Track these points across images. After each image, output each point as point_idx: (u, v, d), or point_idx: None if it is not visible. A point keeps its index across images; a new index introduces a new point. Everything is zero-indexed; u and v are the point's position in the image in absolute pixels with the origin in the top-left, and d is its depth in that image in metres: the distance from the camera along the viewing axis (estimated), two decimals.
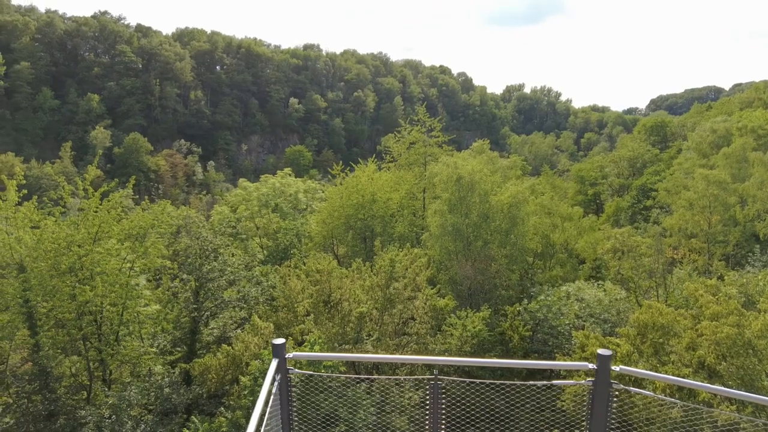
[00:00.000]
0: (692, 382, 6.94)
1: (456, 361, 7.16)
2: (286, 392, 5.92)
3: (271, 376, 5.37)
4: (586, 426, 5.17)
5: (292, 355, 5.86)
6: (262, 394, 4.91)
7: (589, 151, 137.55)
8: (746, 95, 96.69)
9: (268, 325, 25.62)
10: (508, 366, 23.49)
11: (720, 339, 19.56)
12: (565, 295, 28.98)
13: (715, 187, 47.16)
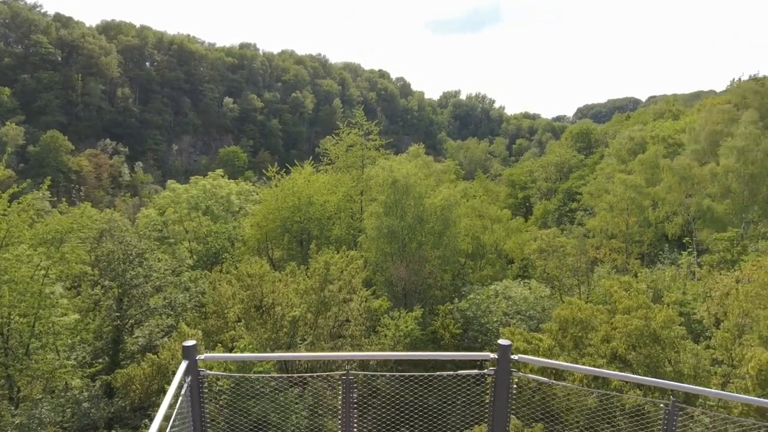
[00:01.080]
0: (583, 367, 7.53)
1: (364, 356, 7.34)
2: (198, 394, 5.84)
3: (179, 378, 5.28)
4: (489, 412, 5.49)
5: (204, 356, 5.79)
6: (168, 397, 4.82)
7: (521, 156, 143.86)
8: (659, 107, 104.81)
9: (196, 333, 24.77)
10: (415, 358, 24.14)
11: (630, 331, 21.15)
12: (493, 293, 30.16)
13: (631, 191, 50.81)
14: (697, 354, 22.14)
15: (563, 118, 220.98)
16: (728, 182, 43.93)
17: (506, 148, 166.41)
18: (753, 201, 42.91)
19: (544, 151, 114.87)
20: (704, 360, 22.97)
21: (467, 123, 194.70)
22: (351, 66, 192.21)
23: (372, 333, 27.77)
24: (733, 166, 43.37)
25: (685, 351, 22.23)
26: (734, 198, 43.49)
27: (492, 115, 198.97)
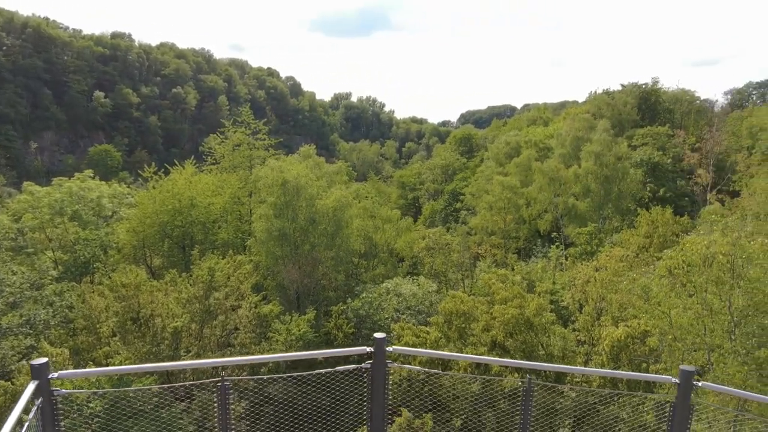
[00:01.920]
0: (450, 353, 7.96)
1: (235, 361, 7.10)
2: (52, 419, 5.20)
3: (25, 402, 4.66)
4: (368, 404, 5.59)
5: (57, 374, 5.18)
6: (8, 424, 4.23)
7: (410, 159, 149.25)
8: (532, 114, 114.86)
9: (62, 352, 22.15)
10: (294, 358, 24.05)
11: (507, 320, 22.93)
12: (385, 291, 30.89)
13: (508, 192, 55.07)
14: (564, 337, 24.64)
15: (448, 123, 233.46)
16: (588, 183, 49.48)
17: (396, 150, 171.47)
18: (608, 199, 48.81)
19: (431, 155, 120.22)
20: (570, 342, 25.65)
21: (359, 125, 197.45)
22: (238, 62, 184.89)
23: (263, 339, 26.95)
24: (591, 168, 48.93)
25: (554, 335, 24.63)
26: (593, 197, 49.10)
27: (382, 118, 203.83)
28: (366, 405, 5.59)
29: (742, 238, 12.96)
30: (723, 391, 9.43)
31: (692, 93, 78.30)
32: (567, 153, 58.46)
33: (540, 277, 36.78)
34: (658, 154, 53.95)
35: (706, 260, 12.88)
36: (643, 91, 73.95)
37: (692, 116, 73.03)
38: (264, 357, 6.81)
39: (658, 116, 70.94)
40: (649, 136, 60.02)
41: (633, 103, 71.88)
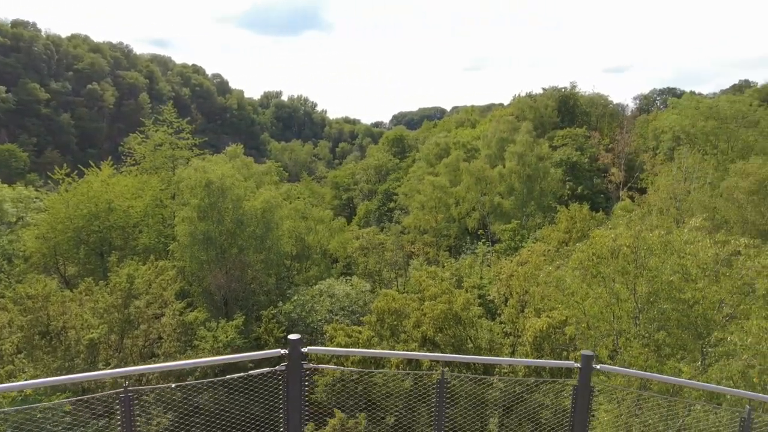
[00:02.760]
0: (366, 350, 8.04)
1: (141, 369, 6.75)
2: None
3: None
4: (283, 408, 5.48)
5: None
6: None
7: (344, 159, 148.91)
8: (460, 116, 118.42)
9: None
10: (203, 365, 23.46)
11: (436, 315, 23.47)
12: (317, 293, 30.60)
13: (439, 191, 56.43)
14: (491, 329, 25.62)
15: (381, 124, 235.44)
16: (512, 182, 51.78)
17: (330, 151, 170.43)
18: (530, 197, 51.33)
19: (365, 155, 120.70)
20: (497, 334, 26.69)
21: (290, 125, 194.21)
22: (160, 59, 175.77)
23: (189, 348, 25.80)
24: (515, 168, 51.22)
25: (481, 328, 25.52)
26: (517, 195, 51.44)
27: (315, 118, 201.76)
28: (282, 408, 5.48)
29: (644, 231, 14.15)
30: (618, 372, 10.18)
31: (606, 97, 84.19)
32: (493, 154, 60.87)
33: (468, 273, 38.02)
34: (576, 155, 57.48)
35: (612, 252, 13.93)
36: (562, 94, 78.48)
37: (606, 119, 78.50)
38: (168, 365, 6.49)
39: (576, 118, 75.62)
40: (568, 137, 63.83)
41: (553, 106, 76.13)
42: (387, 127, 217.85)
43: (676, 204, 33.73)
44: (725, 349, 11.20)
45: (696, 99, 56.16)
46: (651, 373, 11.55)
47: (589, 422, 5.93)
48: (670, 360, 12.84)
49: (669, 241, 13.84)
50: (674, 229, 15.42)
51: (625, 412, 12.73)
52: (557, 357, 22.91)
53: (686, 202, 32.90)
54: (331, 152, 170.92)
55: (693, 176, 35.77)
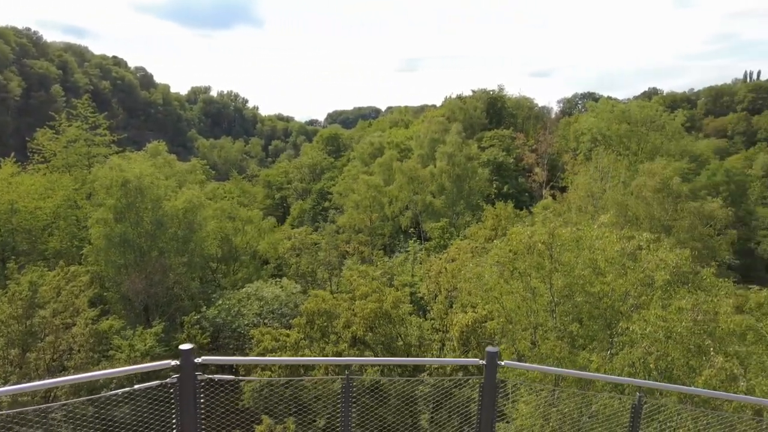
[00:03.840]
0: (263, 358, 7.79)
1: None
2: None
3: None
4: (177, 423, 5.09)
5: None
6: None
7: (277, 157, 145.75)
8: (394, 116, 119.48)
9: None
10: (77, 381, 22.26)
11: (366, 314, 23.39)
12: (245, 296, 29.59)
13: (373, 190, 56.56)
14: (420, 326, 25.92)
15: (316, 122, 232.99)
16: (443, 181, 52.87)
17: (262, 148, 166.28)
18: (460, 196, 52.66)
19: (299, 153, 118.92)
20: (426, 330, 27.06)
21: (220, 121, 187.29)
22: (76, 48, 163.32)
23: (104, 358, 24.06)
24: (445, 168, 52.33)
25: (411, 325, 25.77)
26: (447, 194, 52.60)
27: (246, 114, 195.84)
28: (175, 423, 5.08)
29: (558, 227, 14.83)
30: (522, 368, 10.53)
31: (531, 100, 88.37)
32: (425, 154, 61.91)
33: (400, 271, 38.34)
34: (502, 155, 59.68)
35: (529, 248, 14.48)
36: (490, 97, 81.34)
37: (532, 121, 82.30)
38: (34, 384, 5.85)
39: (504, 120, 78.65)
40: (496, 138, 66.20)
41: (482, 107, 78.72)
42: (322, 125, 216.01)
43: (593, 201, 35.83)
44: (628, 338, 11.95)
45: (611, 103, 60.06)
46: (553, 367, 12.09)
47: (495, 419, 5.99)
48: (584, 351, 13.53)
49: (580, 237, 14.62)
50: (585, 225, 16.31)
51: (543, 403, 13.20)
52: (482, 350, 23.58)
53: (602, 199, 35.01)
54: (264, 150, 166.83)
55: (608, 175, 38.15)
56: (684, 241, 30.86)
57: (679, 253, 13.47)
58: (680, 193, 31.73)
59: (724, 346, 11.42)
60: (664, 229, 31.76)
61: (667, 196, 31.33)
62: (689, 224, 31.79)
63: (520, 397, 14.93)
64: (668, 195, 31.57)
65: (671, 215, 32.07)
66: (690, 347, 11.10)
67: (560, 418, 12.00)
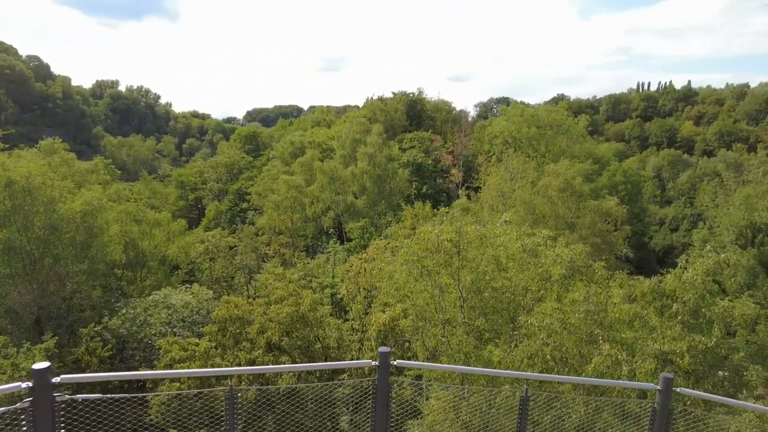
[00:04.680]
0: (119, 374, 7.36)
1: None
2: None
3: None
4: None
5: None
6: None
7: (192, 156, 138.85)
8: (316, 116, 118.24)
9: None
10: None
11: (282, 318, 22.80)
12: (152, 304, 27.79)
13: (294, 191, 55.54)
14: (339, 328, 25.73)
15: (234, 120, 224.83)
16: (364, 182, 53.07)
17: (176, 147, 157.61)
18: (381, 197, 53.15)
19: (216, 152, 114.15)
20: (345, 331, 26.91)
21: (129, 118, 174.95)
22: None
23: None
24: (366, 169, 52.56)
25: (330, 327, 25.50)
26: (369, 194, 52.87)
27: (158, 111, 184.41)
28: None
29: (464, 226, 15.32)
30: (417, 367, 10.75)
31: (449, 103, 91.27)
32: (347, 154, 61.83)
33: (321, 273, 37.95)
34: (421, 156, 61.03)
35: (437, 247, 14.83)
36: (410, 99, 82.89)
37: (450, 123, 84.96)
38: None
39: (424, 122, 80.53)
40: (416, 140, 67.56)
41: (402, 109, 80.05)
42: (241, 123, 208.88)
43: (504, 201, 37.58)
44: (527, 331, 12.58)
45: (521, 108, 63.47)
46: (444, 364, 12.48)
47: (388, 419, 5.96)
48: (489, 344, 14.07)
49: (484, 234, 15.20)
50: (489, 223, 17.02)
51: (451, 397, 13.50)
52: (400, 349, 23.87)
53: (512, 198, 36.81)
54: (178, 149, 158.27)
55: (517, 176, 40.18)
56: (585, 237, 33.23)
57: (574, 249, 14.41)
58: (582, 192, 34.12)
59: (612, 334, 12.34)
60: (568, 226, 34.01)
61: (570, 195, 33.55)
62: (590, 221, 34.27)
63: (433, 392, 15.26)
64: (571, 194, 33.82)
65: (574, 213, 34.39)
66: (582, 337, 11.89)
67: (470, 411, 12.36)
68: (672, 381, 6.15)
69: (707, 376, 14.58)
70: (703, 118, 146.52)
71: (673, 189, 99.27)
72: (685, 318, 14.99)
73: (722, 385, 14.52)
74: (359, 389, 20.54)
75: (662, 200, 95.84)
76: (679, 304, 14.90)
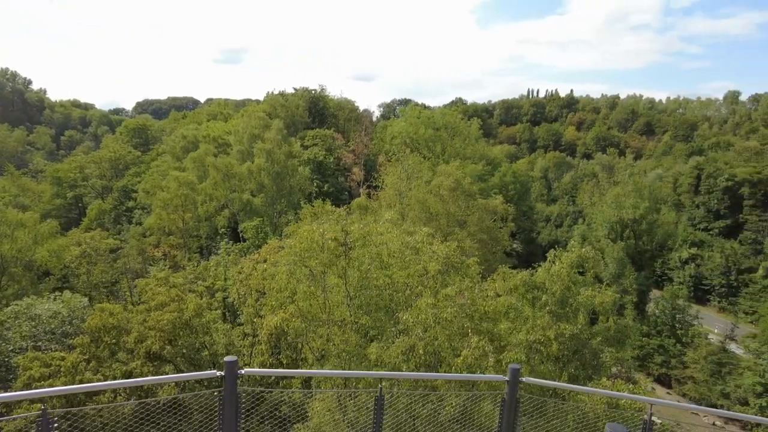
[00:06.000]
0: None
1: None
2: None
3: None
4: None
5: None
6: None
7: (72, 150, 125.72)
8: (213, 109, 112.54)
9: None
10: None
11: (163, 326, 21.29)
12: (12, 315, 24.59)
13: (185, 188, 52.29)
14: (228, 333, 24.60)
15: (122, 112, 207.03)
16: (262, 179, 51.42)
17: (53, 139, 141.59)
18: (281, 195, 51.85)
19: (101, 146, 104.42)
20: (236, 336, 25.80)
21: None
22: None
23: None
24: (264, 165, 50.98)
25: (218, 333, 24.29)
26: (267, 192, 51.33)
27: (29, 98, 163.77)
28: None
29: (348, 225, 15.32)
30: (264, 374, 10.60)
31: (353, 102, 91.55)
32: (244, 150, 59.55)
33: (213, 275, 36.13)
34: (323, 154, 60.56)
35: (321, 246, 14.65)
36: (312, 96, 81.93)
37: (353, 122, 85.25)
38: None
39: (326, 120, 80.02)
40: (318, 137, 66.88)
41: (304, 106, 78.90)
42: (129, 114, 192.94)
43: (401, 199, 38.44)
44: (403, 327, 12.87)
45: (418, 110, 65.42)
46: (292, 369, 12.42)
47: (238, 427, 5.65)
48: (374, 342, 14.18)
49: (368, 233, 15.32)
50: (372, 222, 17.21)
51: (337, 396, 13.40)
52: (292, 351, 23.38)
53: (408, 197, 37.75)
54: (55, 141, 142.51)
55: (414, 176, 41.30)
56: (474, 234, 35.07)
57: (449, 245, 15.02)
58: (471, 191, 35.88)
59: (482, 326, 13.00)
60: (459, 224, 35.62)
61: (460, 194, 35.13)
62: (478, 218, 36.16)
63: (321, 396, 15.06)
64: (461, 193, 35.44)
65: (464, 211, 36.08)
66: (455, 330, 12.40)
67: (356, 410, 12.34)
68: (519, 371, 6.51)
69: (571, 360, 15.98)
70: (584, 124, 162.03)
71: (557, 188, 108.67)
72: (553, 308, 16.29)
73: (584, 367, 16.03)
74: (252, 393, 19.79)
75: (548, 199, 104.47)
76: (548, 295, 16.16)
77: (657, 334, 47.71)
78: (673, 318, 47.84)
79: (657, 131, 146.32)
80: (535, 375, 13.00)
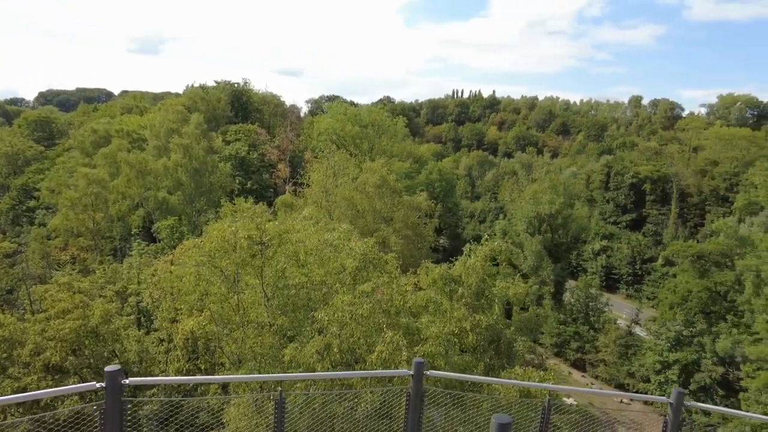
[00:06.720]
0: None
1: None
2: None
3: None
4: None
5: None
6: None
7: None
8: (127, 101, 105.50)
9: None
10: None
11: (65, 335, 19.61)
12: None
13: (96, 186, 48.60)
14: (140, 340, 23.13)
15: (21, 102, 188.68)
16: (179, 176, 48.92)
17: None
18: (200, 192, 49.60)
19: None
20: (150, 343, 24.32)
21: None
22: None
23: None
24: (181, 161, 48.52)
25: (129, 340, 22.77)
26: (185, 190, 48.90)
27: None
28: None
29: (263, 222, 14.87)
30: (152, 383, 10.18)
31: (278, 97, 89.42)
32: (161, 145, 56.39)
33: (126, 278, 33.89)
34: (246, 150, 58.67)
35: (233, 246, 14.10)
36: (235, 89, 79.11)
37: (278, 118, 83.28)
38: None
39: (250, 115, 77.58)
40: (241, 132, 64.66)
41: (226, 100, 76.04)
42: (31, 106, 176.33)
43: (327, 197, 38.06)
44: (319, 325, 12.72)
45: (344, 106, 65.15)
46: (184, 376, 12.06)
47: None
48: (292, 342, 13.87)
49: (285, 230, 14.96)
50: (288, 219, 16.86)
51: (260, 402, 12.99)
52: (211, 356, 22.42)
53: (334, 195, 37.45)
54: None
55: (340, 173, 41.04)
56: (399, 230, 35.48)
57: (366, 242, 15.02)
58: (396, 188, 36.25)
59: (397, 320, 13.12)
60: (385, 220, 35.87)
61: (386, 191, 35.38)
62: (404, 215, 36.62)
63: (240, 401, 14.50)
64: (387, 190, 35.70)
65: (390, 208, 36.39)
66: (371, 326, 12.40)
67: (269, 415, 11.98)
68: (423, 365, 6.56)
69: (487, 350, 16.58)
70: (505, 124, 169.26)
71: (481, 186, 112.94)
72: (470, 300, 16.81)
73: (499, 357, 16.71)
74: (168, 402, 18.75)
75: (473, 196, 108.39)
76: (465, 287, 16.64)
77: (573, 322, 50.91)
78: (586, 306, 51.27)
79: (572, 131, 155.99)
80: (451, 366, 13.31)
